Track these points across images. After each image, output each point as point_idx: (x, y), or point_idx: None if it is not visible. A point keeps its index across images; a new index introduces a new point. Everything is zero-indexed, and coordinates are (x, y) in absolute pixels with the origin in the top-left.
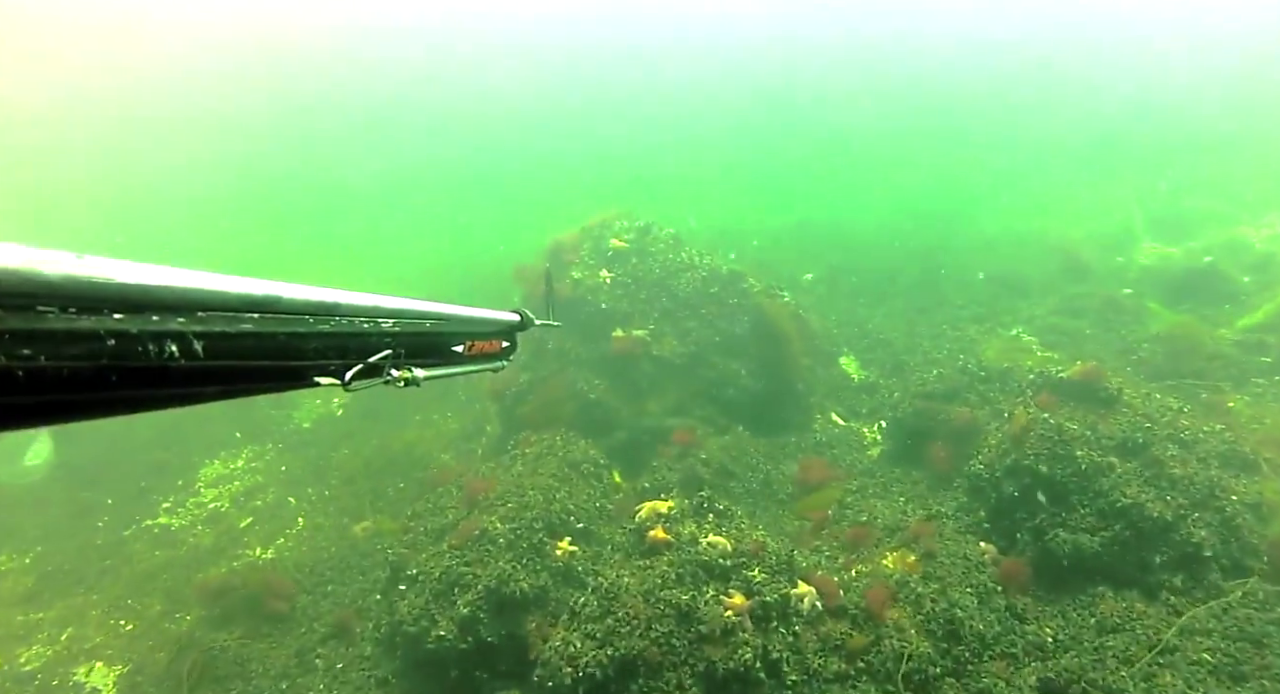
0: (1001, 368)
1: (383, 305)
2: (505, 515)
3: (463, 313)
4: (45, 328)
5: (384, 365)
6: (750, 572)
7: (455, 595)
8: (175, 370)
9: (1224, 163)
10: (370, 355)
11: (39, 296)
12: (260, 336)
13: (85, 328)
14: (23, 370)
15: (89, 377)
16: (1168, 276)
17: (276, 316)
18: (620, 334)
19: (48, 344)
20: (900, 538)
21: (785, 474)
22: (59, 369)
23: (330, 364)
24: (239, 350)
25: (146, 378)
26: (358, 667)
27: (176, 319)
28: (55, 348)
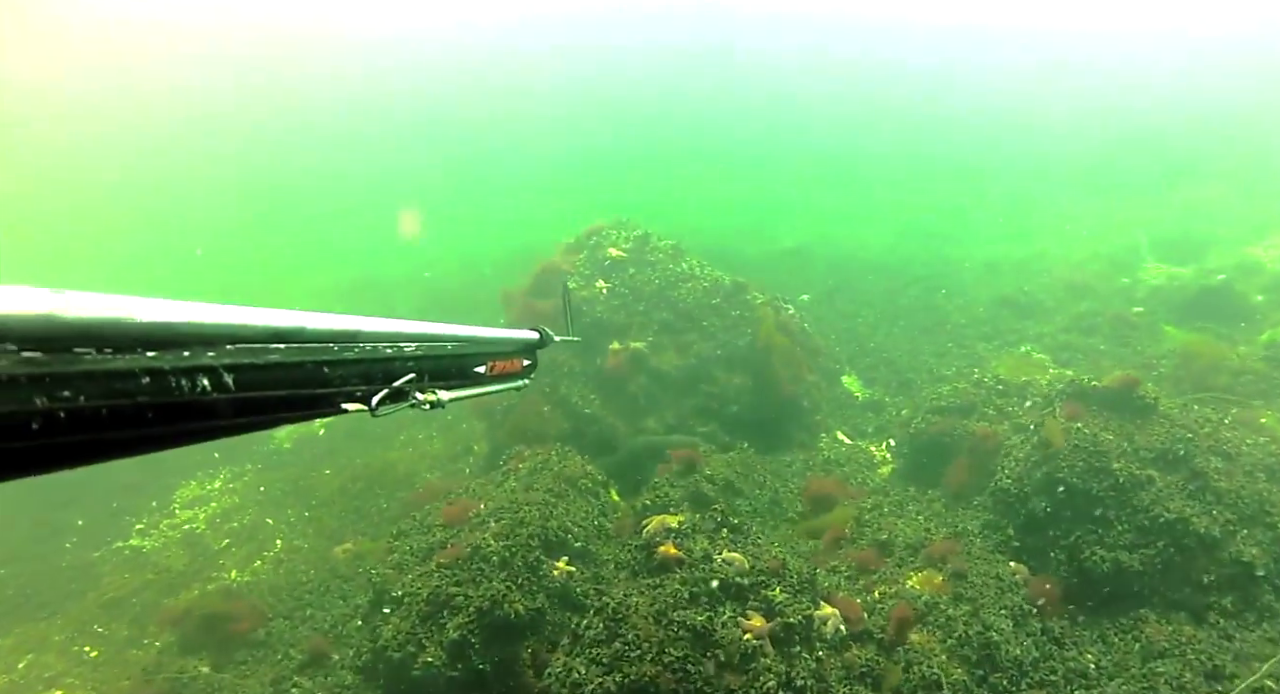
0: (1019, 382)
1: (404, 330)
2: (499, 532)
3: (482, 334)
4: (83, 369)
5: (409, 389)
6: (770, 591)
7: (444, 618)
8: (208, 404)
9: (1225, 183)
10: (394, 380)
11: (75, 338)
12: (288, 366)
13: (120, 367)
14: (64, 412)
15: (126, 414)
16: (1179, 296)
17: (302, 346)
18: (617, 347)
19: (86, 385)
20: (924, 557)
21: (793, 492)
22: (98, 409)
23: (356, 390)
24: (268, 381)
25: (181, 413)
26: None
27: (207, 354)
28: (93, 388)
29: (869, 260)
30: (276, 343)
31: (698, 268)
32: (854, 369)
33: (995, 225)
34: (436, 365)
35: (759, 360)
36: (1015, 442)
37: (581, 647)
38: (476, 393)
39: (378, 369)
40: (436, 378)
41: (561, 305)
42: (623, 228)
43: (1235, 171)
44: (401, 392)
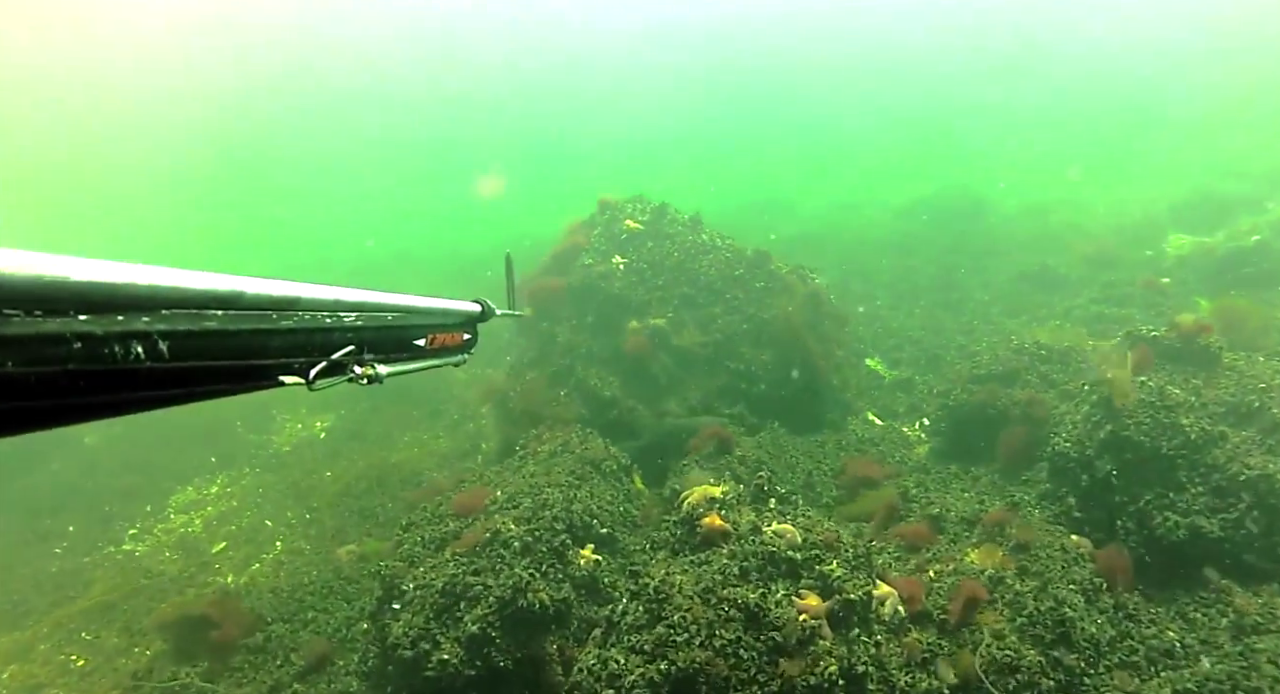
0: (1061, 347)
1: (344, 298)
2: (520, 516)
3: (423, 304)
4: (11, 333)
5: (347, 362)
6: (826, 566)
7: (461, 611)
8: (141, 372)
9: (1242, 141)
10: (333, 352)
11: (3, 300)
12: (224, 334)
13: (51, 331)
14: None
15: (56, 382)
16: (1209, 261)
17: (240, 313)
18: (636, 325)
19: (14, 349)
20: (981, 532)
21: (828, 474)
22: (26, 375)
23: (294, 362)
24: (204, 350)
25: (112, 381)
26: None
27: (141, 319)
28: (22, 353)
29: (881, 240)
30: (214, 309)
31: (718, 239)
32: (876, 350)
33: (1010, 200)
34: (376, 337)
35: (788, 334)
36: (1064, 409)
37: (619, 634)
38: (415, 367)
39: (317, 340)
40: (376, 350)
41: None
42: (639, 202)
43: (1254, 123)
44: (339, 364)
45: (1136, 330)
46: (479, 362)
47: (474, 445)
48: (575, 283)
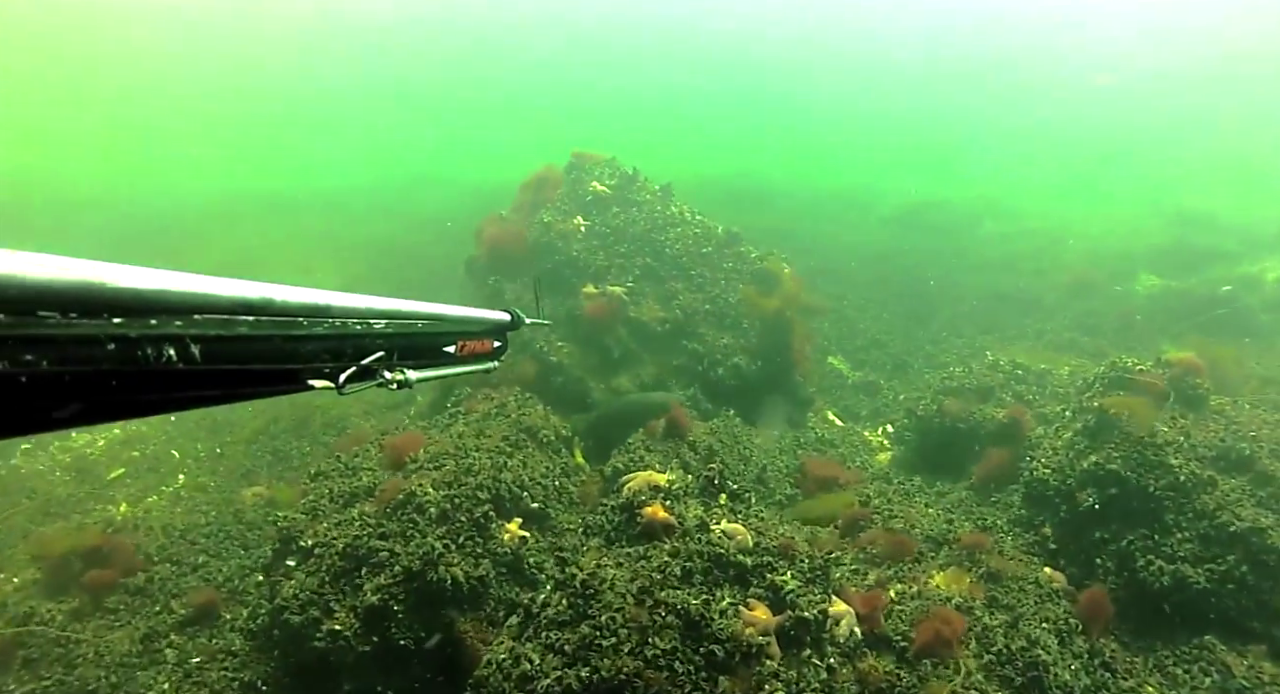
0: (1037, 369)
1: (375, 306)
2: (441, 480)
3: (453, 312)
4: (47, 333)
5: (377, 367)
6: (779, 575)
7: (362, 578)
8: (172, 374)
9: (1219, 195)
10: (364, 357)
11: (40, 302)
12: (255, 339)
13: (86, 332)
14: (26, 376)
15: (89, 381)
16: (1179, 303)
17: (271, 319)
18: (592, 290)
19: (50, 349)
20: (949, 554)
21: (782, 471)
22: (60, 374)
23: (324, 367)
24: (235, 354)
25: (145, 382)
26: (219, 664)
27: (174, 323)
28: (57, 353)
29: (855, 243)
30: (245, 315)
31: (688, 213)
32: (841, 350)
33: (982, 222)
34: (406, 343)
35: (751, 321)
36: (1040, 432)
37: (537, 627)
38: (445, 373)
39: (347, 346)
40: (406, 356)
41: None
42: (609, 165)
43: (1230, 182)
44: (370, 370)
45: (1120, 362)
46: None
47: (407, 397)
48: (531, 239)
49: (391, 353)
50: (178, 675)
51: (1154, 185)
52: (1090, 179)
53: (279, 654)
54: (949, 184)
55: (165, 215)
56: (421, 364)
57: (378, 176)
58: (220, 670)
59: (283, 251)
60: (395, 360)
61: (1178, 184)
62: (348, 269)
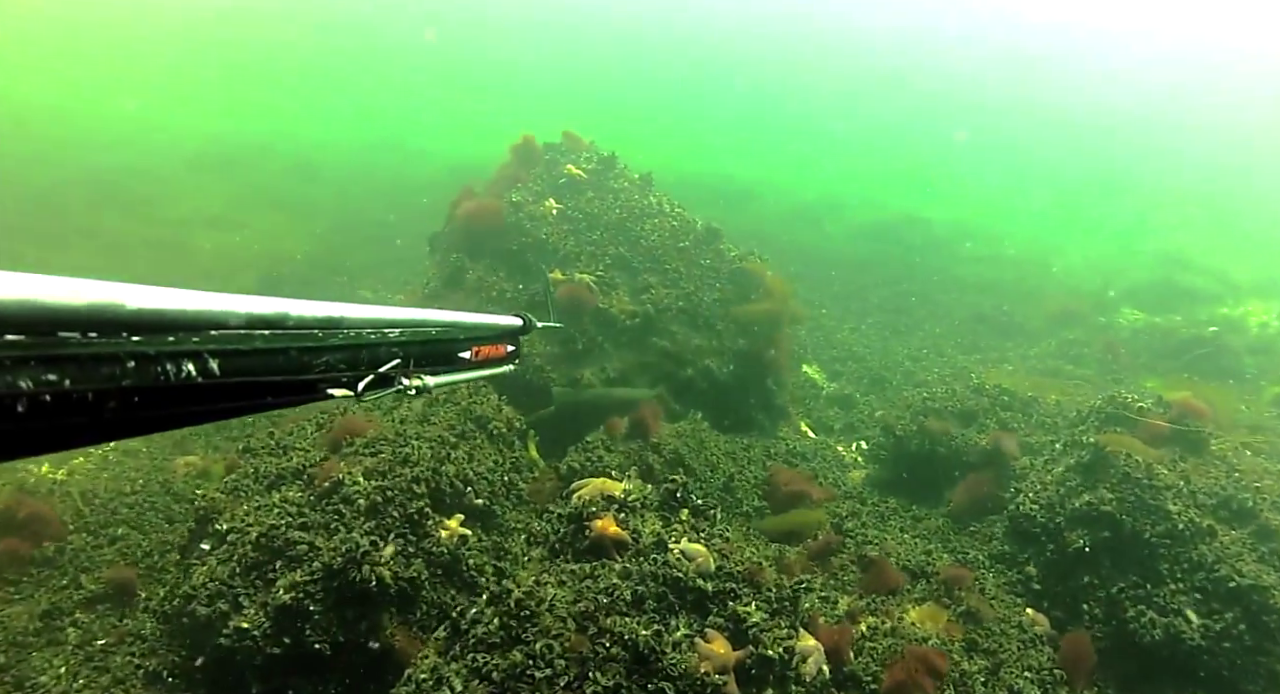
0: (1024, 396)
1: (387, 316)
2: (374, 468)
3: (466, 319)
4: (68, 353)
5: (394, 375)
6: (742, 605)
7: (276, 572)
8: (193, 389)
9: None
10: (380, 366)
11: (60, 322)
12: (272, 352)
13: (106, 351)
14: (49, 395)
15: (111, 399)
16: (1164, 342)
17: (286, 332)
18: (559, 276)
19: (71, 368)
20: (926, 588)
21: (750, 482)
22: (82, 393)
23: (342, 376)
24: (253, 367)
25: (166, 398)
26: (126, 649)
27: (191, 339)
28: (78, 372)
29: (834, 252)
30: (260, 329)
31: (667, 204)
32: (817, 360)
33: (963, 245)
34: (421, 351)
35: (728, 320)
36: (1025, 462)
37: (464, 647)
38: (462, 378)
39: (363, 355)
40: (422, 363)
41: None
42: (587, 149)
43: (1209, 223)
44: (387, 377)
45: (1120, 397)
46: (390, 284)
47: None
48: (499, 221)
49: (408, 360)
50: (78, 659)
51: (1136, 222)
52: (1076, 210)
53: (189, 645)
54: (931, 204)
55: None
56: (438, 370)
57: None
58: (126, 655)
59: (245, 212)
60: (412, 367)
61: (1155, 223)
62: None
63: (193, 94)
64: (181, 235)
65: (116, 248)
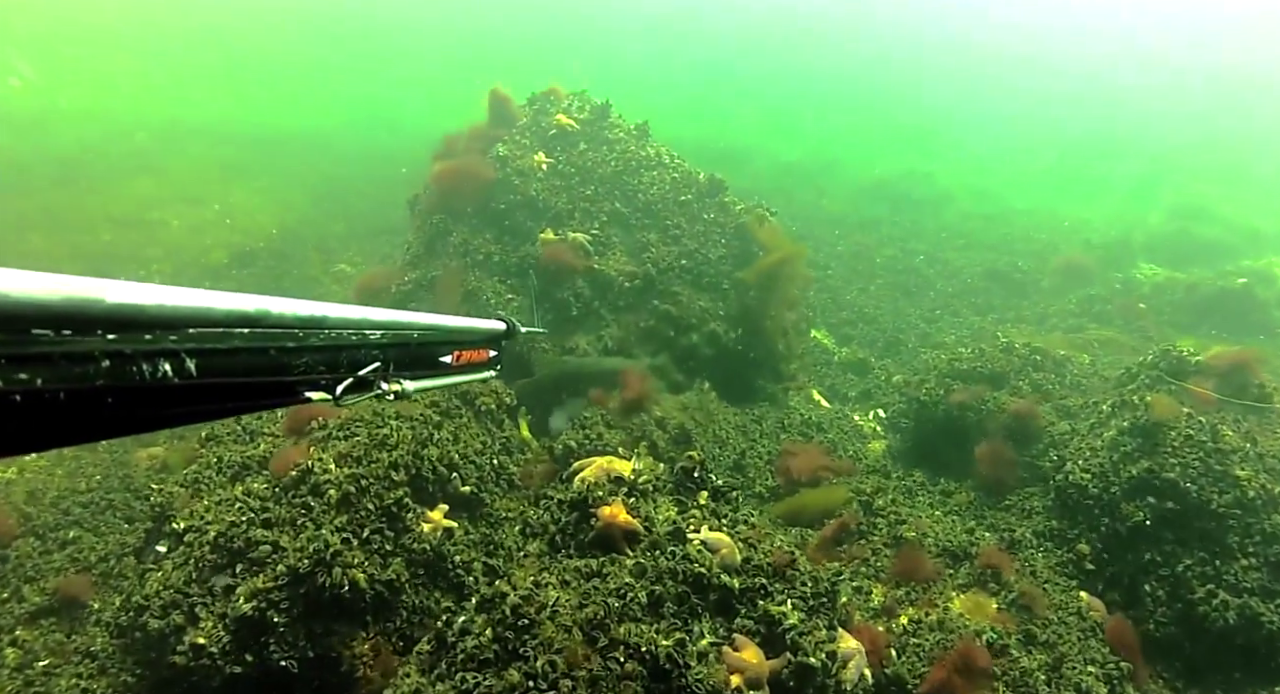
0: (1057, 355)
1: (370, 317)
2: (346, 454)
3: (449, 323)
4: (41, 351)
5: (373, 378)
6: (774, 604)
7: (236, 577)
8: (167, 390)
9: (1218, 187)
10: (360, 368)
11: (34, 319)
12: (251, 352)
13: (80, 349)
14: (19, 394)
15: (84, 399)
16: (1190, 297)
17: (266, 332)
18: (551, 237)
19: (44, 367)
20: (969, 572)
21: (763, 458)
22: (55, 392)
23: (321, 378)
24: (231, 367)
25: (139, 398)
26: (72, 670)
27: (169, 338)
28: (51, 371)
29: (837, 213)
30: (240, 328)
31: (667, 155)
32: (825, 323)
33: (969, 203)
34: (402, 354)
35: (735, 279)
36: (1063, 428)
37: (451, 664)
38: (441, 383)
39: (342, 357)
40: (402, 366)
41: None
42: (578, 98)
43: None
44: (366, 381)
45: (1175, 351)
46: (370, 257)
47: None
48: (485, 176)
49: (387, 363)
50: (15, 683)
51: (1148, 176)
52: (1082, 169)
53: (138, 665)
54: (933, 161)
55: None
56: (418, 374)
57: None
58: (72, 678)
59: (217, 188)
60: (391, 371)
61: (1174, 176)
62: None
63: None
64: (148, 213)
65: (80, 226)
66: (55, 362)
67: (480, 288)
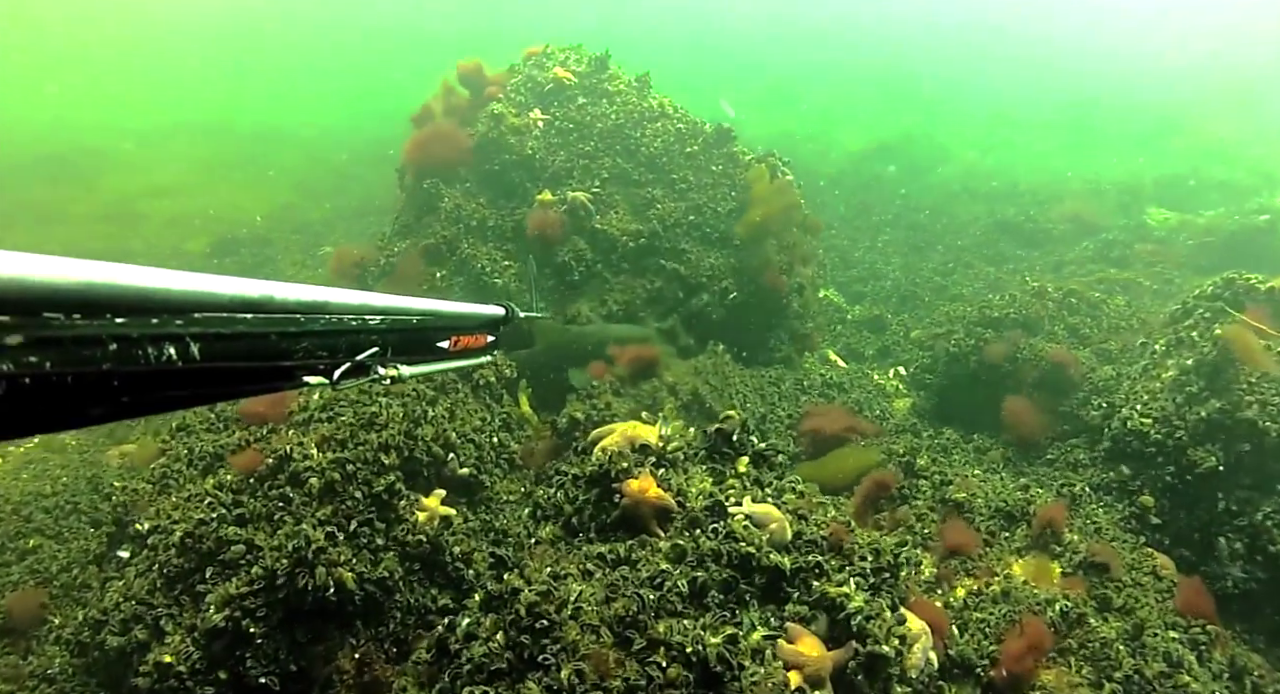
0: (1090, 298)
1: (370, 303)
2: (329, 438)
3: (448, 308)
4: (51, 335)
5: (371, 363)
6: (832, 584)
7: (206, 583)
8: (171, 374)
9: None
10: (358, 353)
11: (45, 303)
12: (254, 337)
13: (88, 332)
14: (29, 377)
15: (90, 382)
16: (1207, 238)
17: (269, 317)
18: (548, 198)
19: (53, 350)
20: (1028, 534)
21: (782, 421)
22: (63, 375)
23: (320, 363)
24: (234, 352)
25: (144, 382)
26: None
27: (174, 322)
28: (60, 354)
29: (834, 175)
30: (244, 313)
31: (670, 106)
32: (834, 282)
33: (968, 156)
34: (400, 339)
35: (749, 233)
36: (1107, 372)
37: (455, 676)
38: (439, 368)
39: (342, 342)
40: (400, 351)
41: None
42: (574, 51)
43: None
44: (364, 365)
45: (1240, 277)
46: (355, 237)
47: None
48: (478, 136)
49: (385, 348)
50: None
51: (1162, 125)
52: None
53: (106, 684)
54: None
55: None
56: (415, 359)
57: None
58: None
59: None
60: (389, 356)
61: (1185, 121)
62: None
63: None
64: (131, 207)
65: (61, 221)
66: (64, 345)
67: (474, 255)
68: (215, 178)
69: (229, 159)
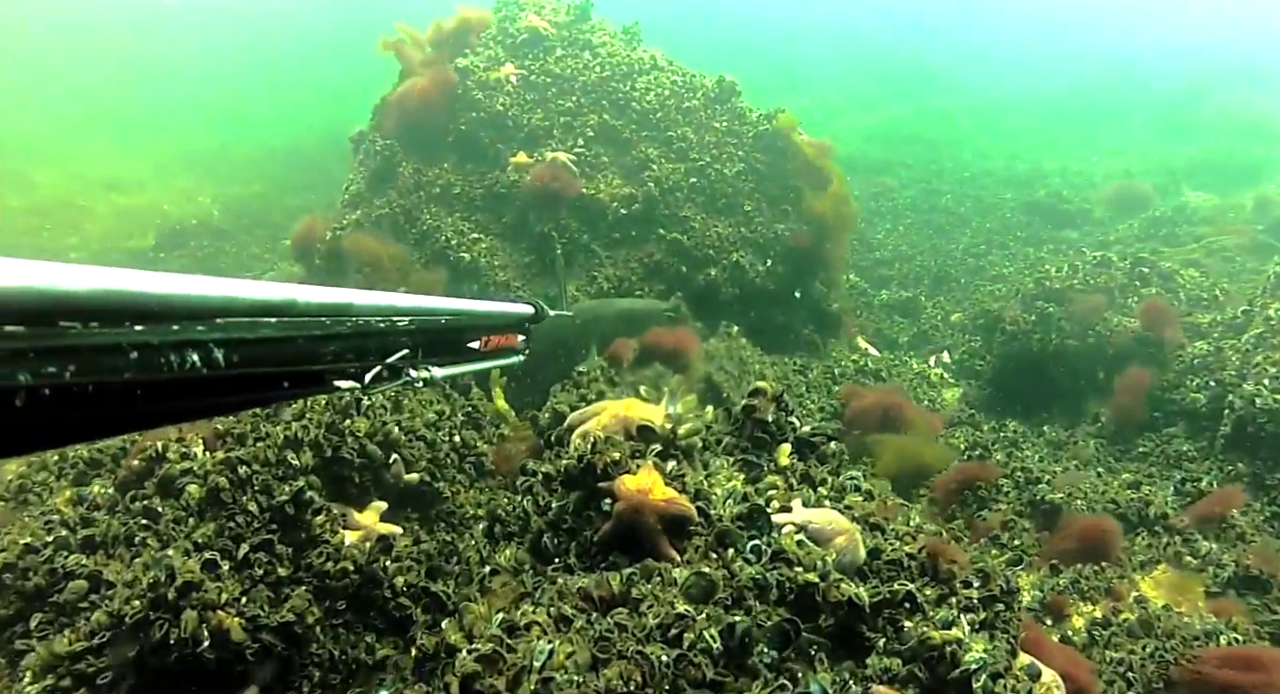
0: (1163, 269)
1: (397, 304)
2: (225, 433)
3: (476, 307)
4: (69, 343)
5: (402, 366)
6: (936, 626)
7: (31, 634)
8: (196, 381)
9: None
10: (388, 356)
11: (61, 312)
12: (279, 342)
13: (108, 341)
14: (49, 388)
15: (113, 391)
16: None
17: (294, 320)
18: (524, 160)
19: (72, 360)
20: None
21: (815, 414)
22: (84, 385)
23: (349, 366)
24: (259, 357)
25: (169, 390)
26: None
27: (196, 328)
28: (79, 363)
29: (845, 156)
30: (267, 317)
31: (662, 58)
32: (854, 266)
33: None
34: (430, 340)
35: (760, 196)
36: (1201, 348)
37: None
38: (470, 369)
39: (370, 345)
40: (430, 353)
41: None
42: None
43: None
44: (395, 368)
45: None
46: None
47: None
48: (446, 94)
49: (416, 350)
50: None
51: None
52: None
53: None
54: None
55: None
56: (445, 361)
57: None
58: None
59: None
60: (420, 357)
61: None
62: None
63: None
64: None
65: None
66: (84, 354)
67: (438, 226)
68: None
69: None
